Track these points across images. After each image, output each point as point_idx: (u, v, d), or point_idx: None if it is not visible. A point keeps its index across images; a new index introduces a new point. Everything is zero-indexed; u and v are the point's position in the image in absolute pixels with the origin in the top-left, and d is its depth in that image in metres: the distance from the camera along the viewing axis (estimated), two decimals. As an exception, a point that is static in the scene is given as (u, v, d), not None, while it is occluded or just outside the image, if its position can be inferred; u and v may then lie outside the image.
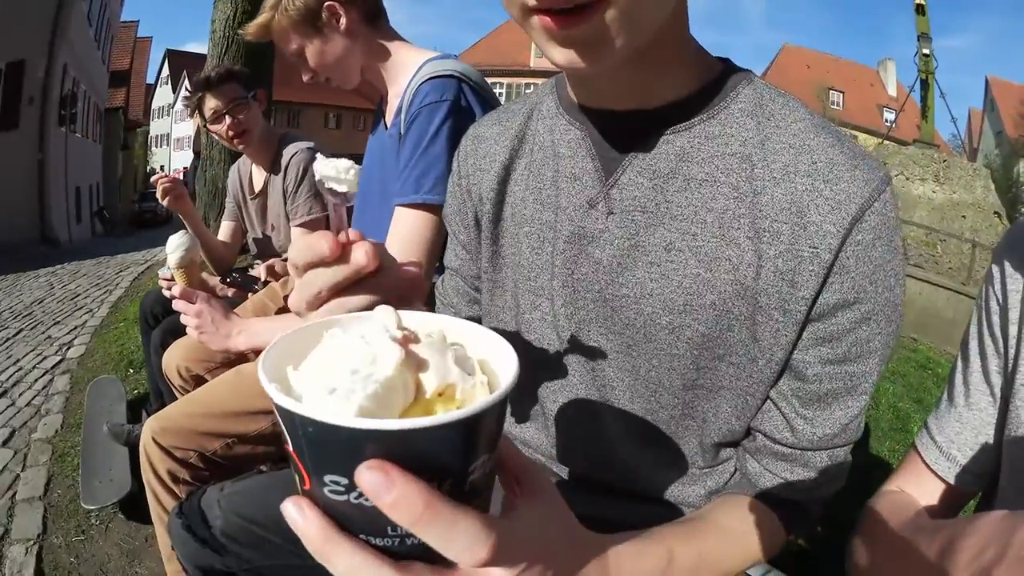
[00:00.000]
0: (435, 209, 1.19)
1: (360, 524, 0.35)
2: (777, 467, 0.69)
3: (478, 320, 0.88)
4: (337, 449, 0.33)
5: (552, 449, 0.81)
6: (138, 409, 2.86)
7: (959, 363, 0.73)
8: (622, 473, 0.77)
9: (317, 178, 0.50)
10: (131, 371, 3.65)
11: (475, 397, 0.36)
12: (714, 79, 0.66)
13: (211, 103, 2.18)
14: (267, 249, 2.46)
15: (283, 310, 1.92)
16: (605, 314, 0.69)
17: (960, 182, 11.66)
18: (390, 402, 0.34)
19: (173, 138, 47.92)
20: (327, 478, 0.34)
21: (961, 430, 0.70)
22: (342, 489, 0.34)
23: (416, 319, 0.43)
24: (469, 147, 0.85)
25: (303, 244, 0.49)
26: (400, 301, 0.49)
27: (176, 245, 1.49)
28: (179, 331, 1.89)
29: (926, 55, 14.40)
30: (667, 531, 0.62)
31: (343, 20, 1.34)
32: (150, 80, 43.79)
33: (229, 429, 1.40)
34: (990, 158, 31.49)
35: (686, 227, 0.64)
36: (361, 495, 0.33)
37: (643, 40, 0.56)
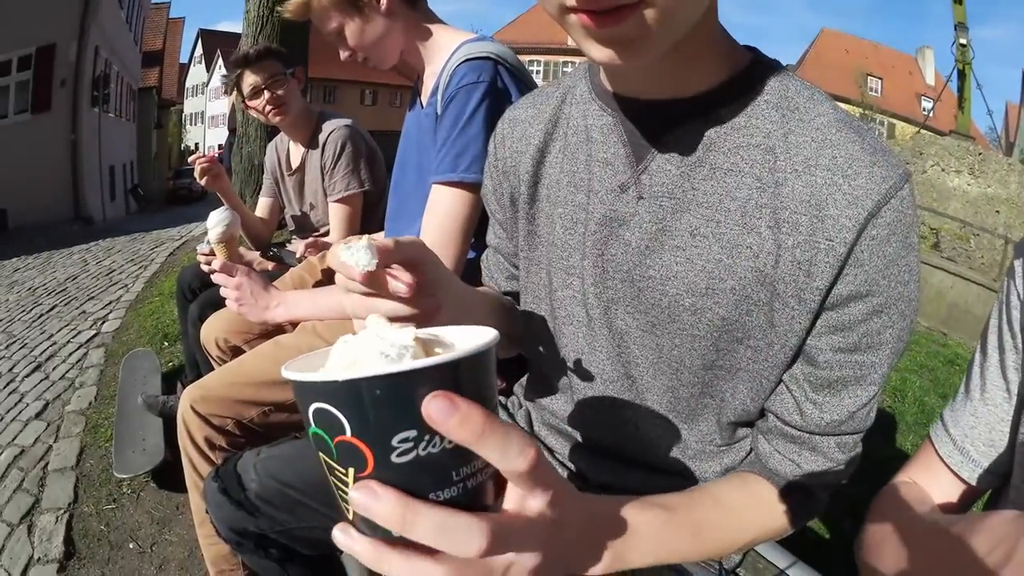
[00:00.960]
0: (471, 187, 1.21)
1: (428, 481, 0.39)
2: (786, 448, 0.71)
3: (516, 296, 0.92)
4: (404, 400, 0.37)
5: (577, 420, 0.84)
6: (172, 381, 2.93)
7: (978, 356, 0.73)
8: (643, 446, 0.79)
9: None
10: (166, 344, 3.72)
11: None
12: (742, 70, 0.67)
13: (250, 79, 2.22)
14: (305, 225, 2.50)
15: (320, 283, 1.94)
16: (632, 294, 0.72)
17: (995, 176, 11.39)
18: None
19: (207, 116, 48.16)
20: (396, 440, 0.37)
21: (975, 424, 0.70)
22: (411, 444, 0.37)
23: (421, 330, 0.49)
24: (506, 130, 0.87)
25: (340, 265, 0.53)
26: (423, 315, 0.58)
27: (217, 220, 1.52)
28: (217, 304, 1.93)
29: (963, 45, 13.93)
30: (667, 497, 0.65)
31: (384, 0, 1.35)
32: (183, 60, 44.36)
33: (266, 397, 1.44)
34: None
35: (710, 214, 0.66)
36: (430, 443, 0.38)
37: (680, 36, 0.57)
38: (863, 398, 0.67)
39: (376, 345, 0.39)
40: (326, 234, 2.32)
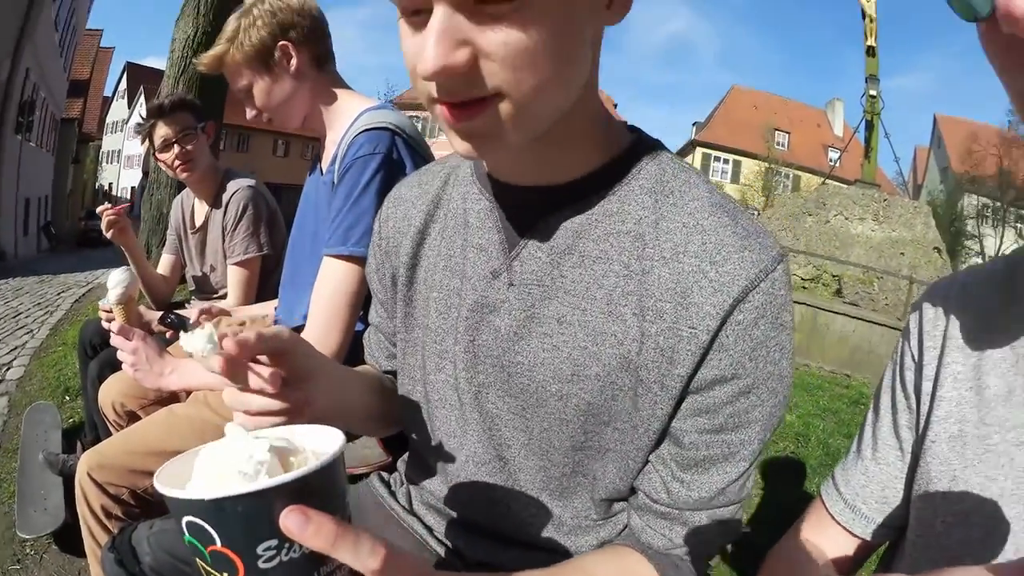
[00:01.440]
0: (361, 261, 1.23)
1: None
2: (657, 524, 0.72)
3: (395, 374, 0.93)
4: (264, 513, 0.41)
5: (453, 500, 0.85)
6: (73, 438, 2.80)
7: (871, 415, 0.74)
8: (517, 524, 0.80)
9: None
10: (67, 398, 3.59)
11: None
12: (620, 155, 0.70)
13: (162, 130, 2.20)
14: (205, 286, 2.47)
15: None
16: (502, 379, 0.73)
17: (900, 220, 11.89)
18: (278, 473, 0.44)
19: (124, 155, 46.51)
20: (260, 548, 0.42)
21: (867, 483, 0.71)
22: (274, 551, 0.42)
23: (263, 431, 0.53)
24: (390, 209, 0.89)
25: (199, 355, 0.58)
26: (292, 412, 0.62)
27: (117, 281, 1.53)
28: (116, 364, 1.83)
29: (872, 96, 14.43)
30: (535, 572, 0.64)
31: (294, 61, 1.39)
32: (107, 93, 42.45)
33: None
34: (934, 194, 32.36)
35: (577, 302, 0.68)
36: (291, 549, 0.42)
37: (539, 130, 0.61)
38: (733, 474, 0.68)
39: (235, 462, 0.44)
40: (224, 296, 2.32)
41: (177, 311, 2.00)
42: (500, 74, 0.54)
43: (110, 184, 48.78)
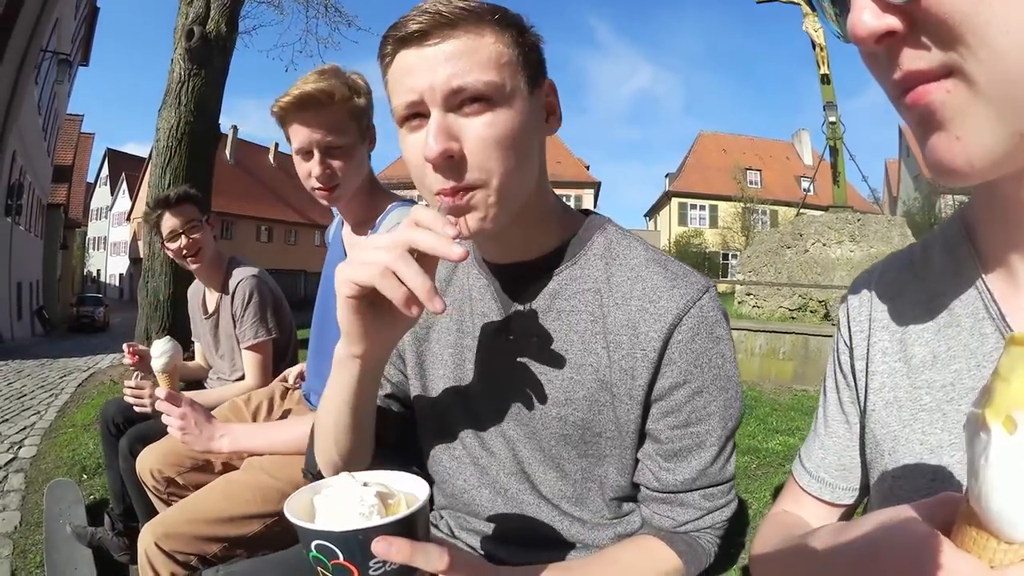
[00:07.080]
0: None
1: None
2: (660, 509, 0.89)
3: (392, 398, 1.07)
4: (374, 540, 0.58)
5: (488, 512, 0.98)
6: (95, 512, 2.92)
7: (820, 399, 0.83)
8: (546, 527, 0.94)
9: None
10: (84, 476, 3.68)
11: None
12: (576, 232, 0.91)
13: (169, 222, 2.33)
14: (221, 369, 2.57)
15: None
16: (515, 410, 0.92)
17: (877, 236, 11.89)
18: (382, 513, 0.61)
19: (110, 242, 47.06)
20: (371, 564, 0.58)
21: (825, 455, 0.79)
22: (380, 565, 0.58)
23: (370, 475, 0.69)
24: None
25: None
26: None
27: (162, 351, 1.62)
28: (146, 438, 1.95)
29: (832, 123, 14.60)
30: (568, 562, 0.86)
31: (375, 142, 1.53)
32: (89, 179, 42.10)
33: (225, 533, 1.47)
34: (908, 203, 32.30)
35: (561, 346, 0.88)
36: (391, 566, 0.59)
37: (510, 210, 0.80)
38: (706, 458, 0.86)
39: (352, 504, 0.60)
40: (240, 378, 2.42)
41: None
42: (478, 167, 0.76)
43: (98, 271, 49.11)
